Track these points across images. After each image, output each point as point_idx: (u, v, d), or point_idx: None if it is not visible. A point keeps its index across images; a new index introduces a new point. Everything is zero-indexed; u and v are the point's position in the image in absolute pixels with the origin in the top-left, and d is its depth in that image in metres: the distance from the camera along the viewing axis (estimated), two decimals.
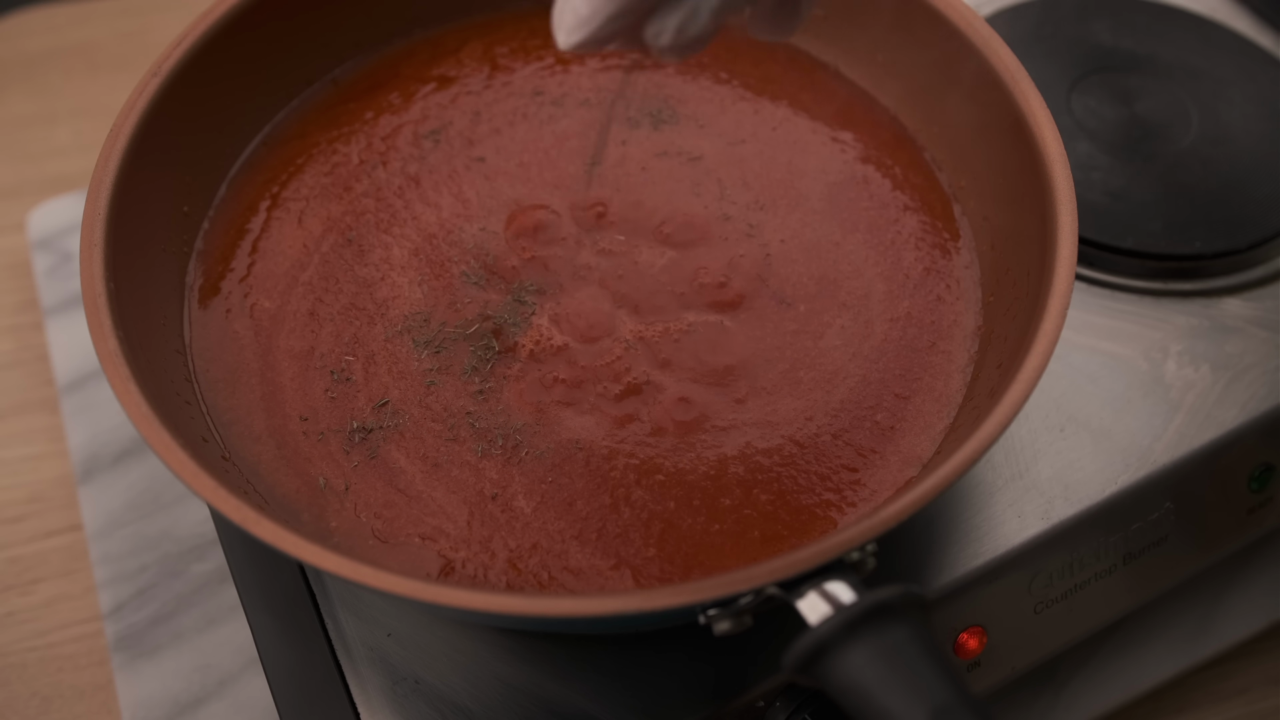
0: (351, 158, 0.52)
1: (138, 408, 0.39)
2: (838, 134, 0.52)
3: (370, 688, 0.44)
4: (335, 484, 0.44)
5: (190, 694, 0.52)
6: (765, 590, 0.36)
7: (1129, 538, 0.49)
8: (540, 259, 0.49)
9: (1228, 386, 0.51)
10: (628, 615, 0.36)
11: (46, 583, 0.57)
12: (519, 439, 0.44)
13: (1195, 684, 0.56)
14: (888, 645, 0.33)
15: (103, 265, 0.43)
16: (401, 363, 0.46)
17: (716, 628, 0.36)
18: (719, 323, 0.47)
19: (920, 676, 0.33)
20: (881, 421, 0.45)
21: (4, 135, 0.73)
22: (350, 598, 0.46)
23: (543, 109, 0.53)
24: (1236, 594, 0.55)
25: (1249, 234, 0.54)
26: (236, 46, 0.50)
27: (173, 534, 0.56)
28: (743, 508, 0.43)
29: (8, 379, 0.63)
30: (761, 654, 0.45)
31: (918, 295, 0.48)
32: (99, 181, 0.44)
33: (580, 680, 0.44)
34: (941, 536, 0.47)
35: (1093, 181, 0.56)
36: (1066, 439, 0.49)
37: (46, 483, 0.60)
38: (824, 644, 0.34)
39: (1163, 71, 0.60)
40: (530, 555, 0.42)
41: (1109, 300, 0.53)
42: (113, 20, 0.78)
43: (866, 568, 0.37)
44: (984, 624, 0.48)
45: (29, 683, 0.54)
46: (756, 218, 0.50)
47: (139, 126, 0.46)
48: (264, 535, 0.37)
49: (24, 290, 0.66)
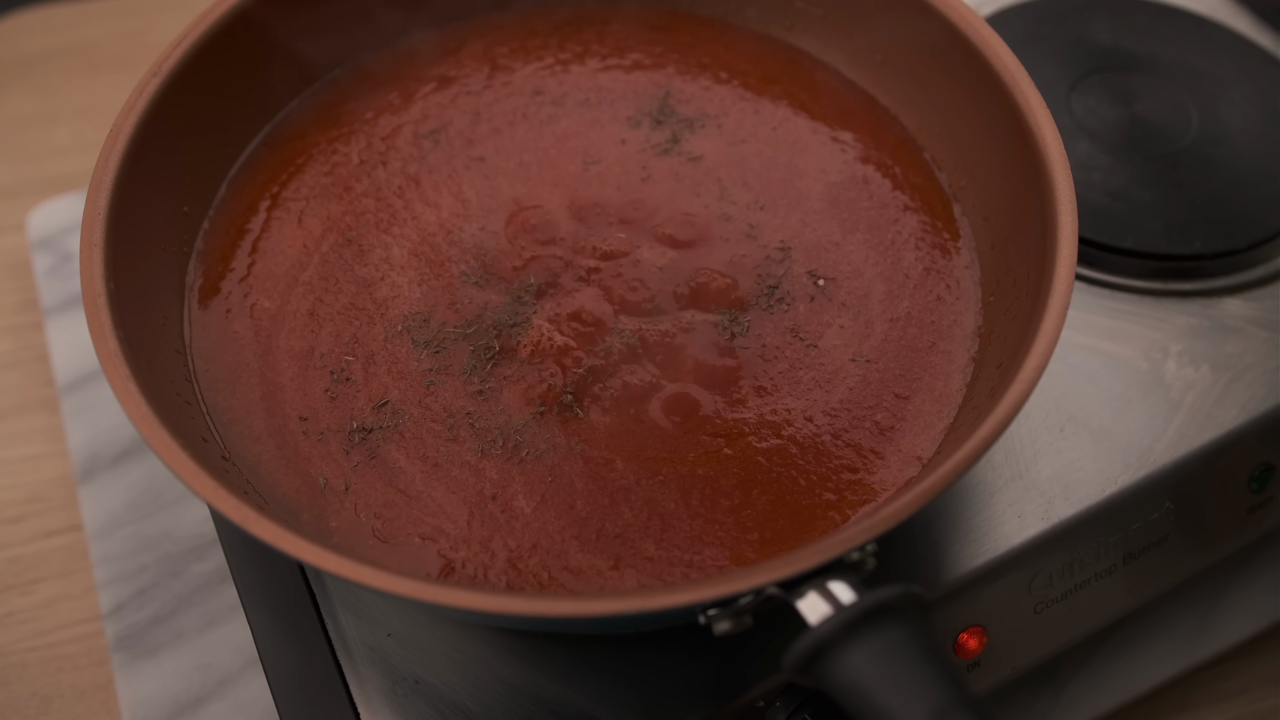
0: (351, 158, 0.52)
1: (138, 408, 0.39)
2: (838, 134, 0.52)
3: (370, 688, 0.44)
4: (335, 484, 0.44)
5: (190, 694, 0.52)
6: (765, 590, 0.36)
7: (1129, 538, 0.49)
8: (540, 259, 0.49)
9: (1228, 386, 0.51)
10: (628, 615, 0.36)
11: (46, 583, 0.57)
12: (519, 439, 0.44)
13: (1195, 684, 0.56)
14: (888, 645, 0.33)
15: (103, 265, 0.43)
16: (401, 363, 0.46)
17: (716, 628, 0.36)
18: (719, 323, 0.47)
19: (920, 676, 0.33)
20: (881, 421, 0.45)
21: (4, 135, 0.73)
22: (350, 598, 0.46)
23: (543, 109, 0.53)
24: (1236, 594, 0.55)
25: (1249, 234, 0.54)
26: (236, 47, 0.50)
27: (173, 534, 0.56)
28: (742, 508, 0.43)
29: (8, 379, 0.63)
30: (761, 654, 0.45)
31: (918, 295, 0.48)
32: (99, 181, 0.44)
33: (580, 680, 0.44)
34: (941, 536, 0.47)
35: (1093, 181, 0.56)
36: (1066, 439, 0.49)
37: (46, 483, 0.60)
38: (824, 644, 0.34)
39: (1163, 71, 0.60)
40: (530, 555, 0.42)
41: (1109, 300, 0.53)
42: (113, 20, 0.78)
43: (866, 568, 0.37)
44: (984, 624, 0.48)
45: (29, 683, 0.54)
46: (756, 218, 0.50)
47: (139, 126, 0.46)
48: (264, 535, 0.37)
49: (24, 290, 0.66)
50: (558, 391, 0.45)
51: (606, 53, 0.55)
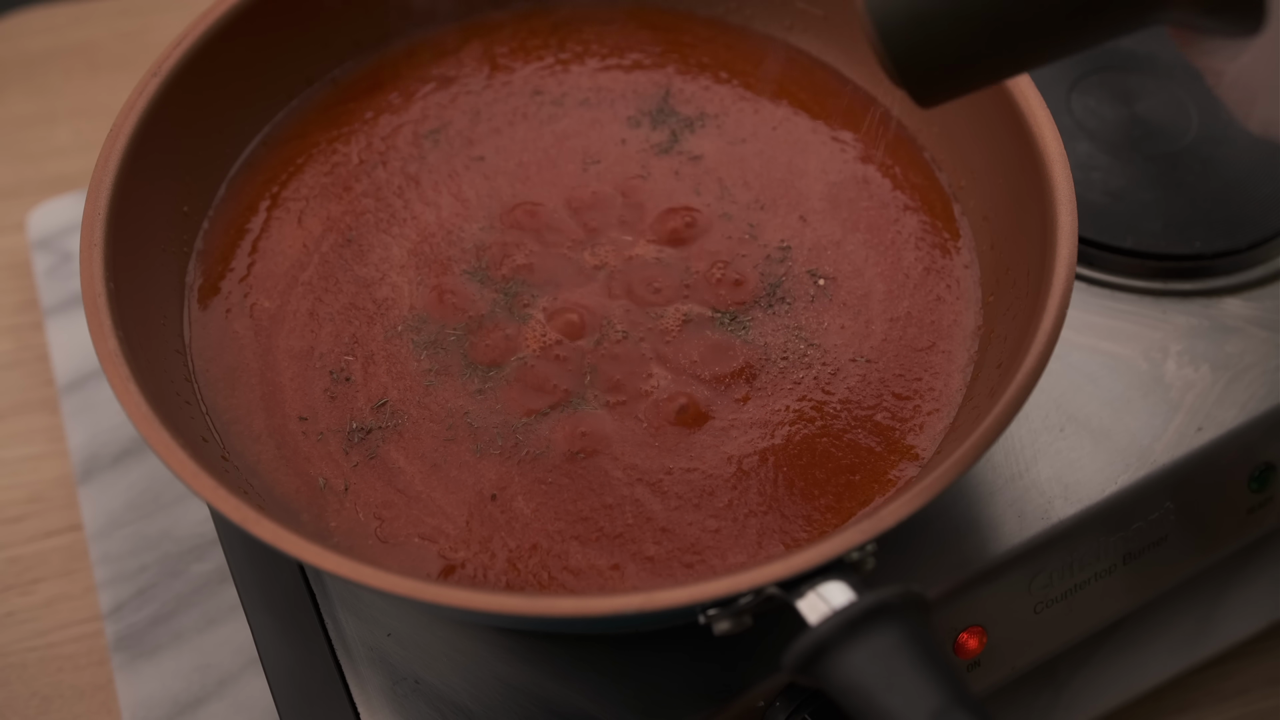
0: (351, 157, 0.52)
1: (138, 408, 0.39)
2: (838, 134, 0.52)
3: (370, 688, 0.44)
4: (335, 484, 0.44)
5: (190, 694, 0.52)
6: (765, 590, 0.36)
7: (1129, 538, 0.49)
8: (539, 258, 0.49)
9: (1228, 386, 0.51)
10: (628, 615, 0.36)
11: (46, 583, 0.57)
12: (518, 438, 0.44)
13: (1195, 684, 0.56)
14: (888, 645, 0.33)
15: (103, 265, 0.43)
16: (401, 363, 0.46)
17: (716, 628, 0.36)
18: (719, 322, 0.47)
19: (920, 677, 0.33)
20: (881, 421, 0.45)
21: (4, 135, 0.73)
22: (350, 598, 0.46)
23: (542, 109, 0.53)
24: (1236, 594, 0.55)
25: (1249, 234, 0.54)
26: (236, 47, 0.50)
27: (173, 534, 0.56)
28: (742, 507, 0.43)
29: (8, 379, 0.63)
30: (762, 654, 0.45)
31: (918, 295, 0.48)
32: (99, 181, 0.44)
33: (580, 680, 0.44)
34: (941, 536, 0.47)
35: (1093, 181, 0.56)
36: (1066, 439, 0.49)
37: (46, 483, 0.60)
38: (824, 644, 0.34)
39: (1163, 71, 0.60)
40: (530, 555, 0.42)
41: (1109, 300, 0.53)
42: (113, 20, 0.78)
43: (866, 568, 0.37)
44: (984, 624, 0.48)
45: (29, 683, 0.54)
46: (757, 218, 0.50)
47: (139, 126, 0.46)
48: (264, 535, 0.37)
49: (24, 290, 0.66)
50: (557, 391, 0.45)
51: (606, 52, 0.55)
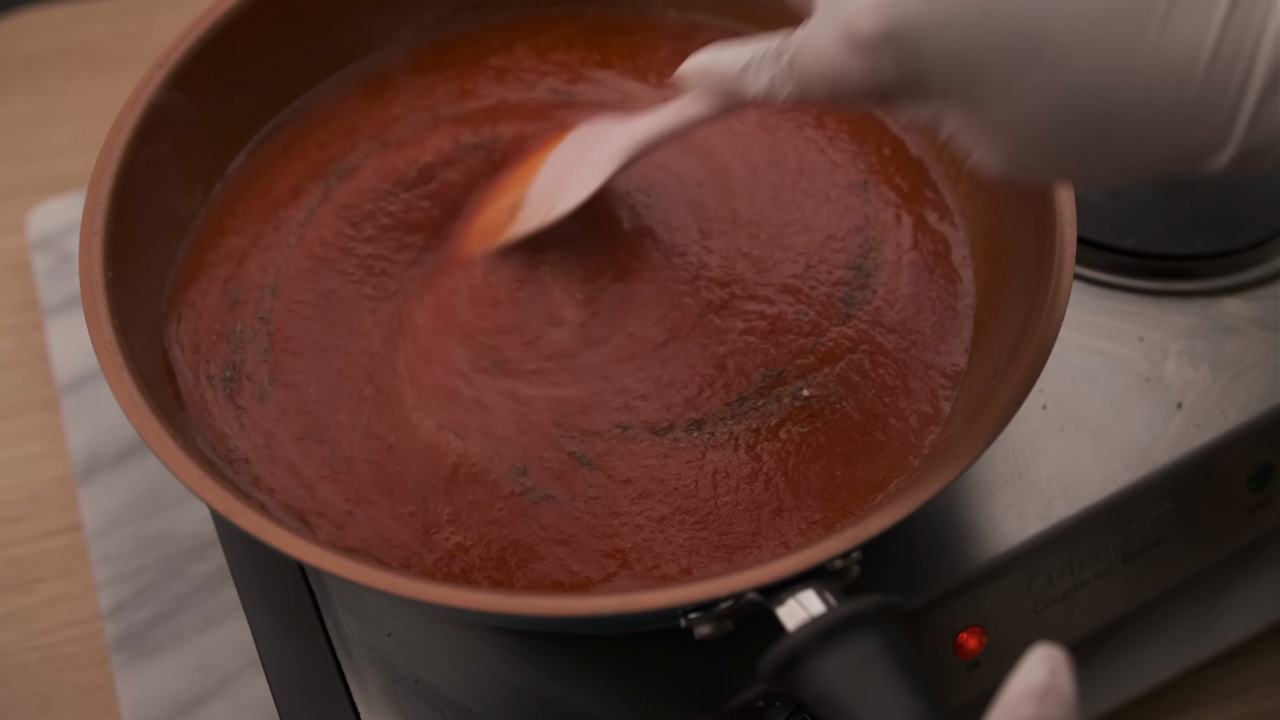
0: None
1: (130, 396, 0.39)
2: (836, 136, 0.52)
3: (370, 688, 0.44)
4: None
5: (190, 694, 0.52)
6: (745, 595, 0.36)
7: (1129, 538, 0.49)
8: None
9: (1228, 386, 0.51)
10: (609, 616, 0.36)
11: (46, 583, 0.57)
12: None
13: (1195, 684, 0.56)
14: (863, 654, 0.33)
15: (102, 254, 0.43)
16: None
17: (697, 631, 0.36)
18: (718, 323, 0.47)
19: (894, 687, 0.32)
20: (878, 423, 0.45)
21: (4, 135, 0.73)
22: (350, 598, 0.46)
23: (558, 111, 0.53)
24: (1236, 594, 0.55)
25: (1249, 234, 0.54)
26: (239, 45, 0.50)
27: (173, 534, 0.56)
28: (737, 509, 0.43)
29: (8, 379, 0.63)
30: (761, 655, 0.44)
31: (917, 295, 0.48)
32: (101, 171, 0.44)
33: (580, 680, 0.44)
34: (941, 536, 0.47)
35: None
36: (1066, 439, 0.49)
37: (46, 483, 0.60)
38: (798, 651, 0.33)
39: None
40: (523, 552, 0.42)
41: (1109, 300, 0.53)
42: (113, 20, 0.78)
43: (849, 576, 0.36)
44: (984, 624, 0.48)
45: (29, 683, 0.54)
46: (757, 219, 0.50)
47: (143, 117, 0.46)
48: (265, 535, 0.37)
49: (24, 290, 0.66)
50: (559, 399, 0.45)
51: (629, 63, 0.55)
